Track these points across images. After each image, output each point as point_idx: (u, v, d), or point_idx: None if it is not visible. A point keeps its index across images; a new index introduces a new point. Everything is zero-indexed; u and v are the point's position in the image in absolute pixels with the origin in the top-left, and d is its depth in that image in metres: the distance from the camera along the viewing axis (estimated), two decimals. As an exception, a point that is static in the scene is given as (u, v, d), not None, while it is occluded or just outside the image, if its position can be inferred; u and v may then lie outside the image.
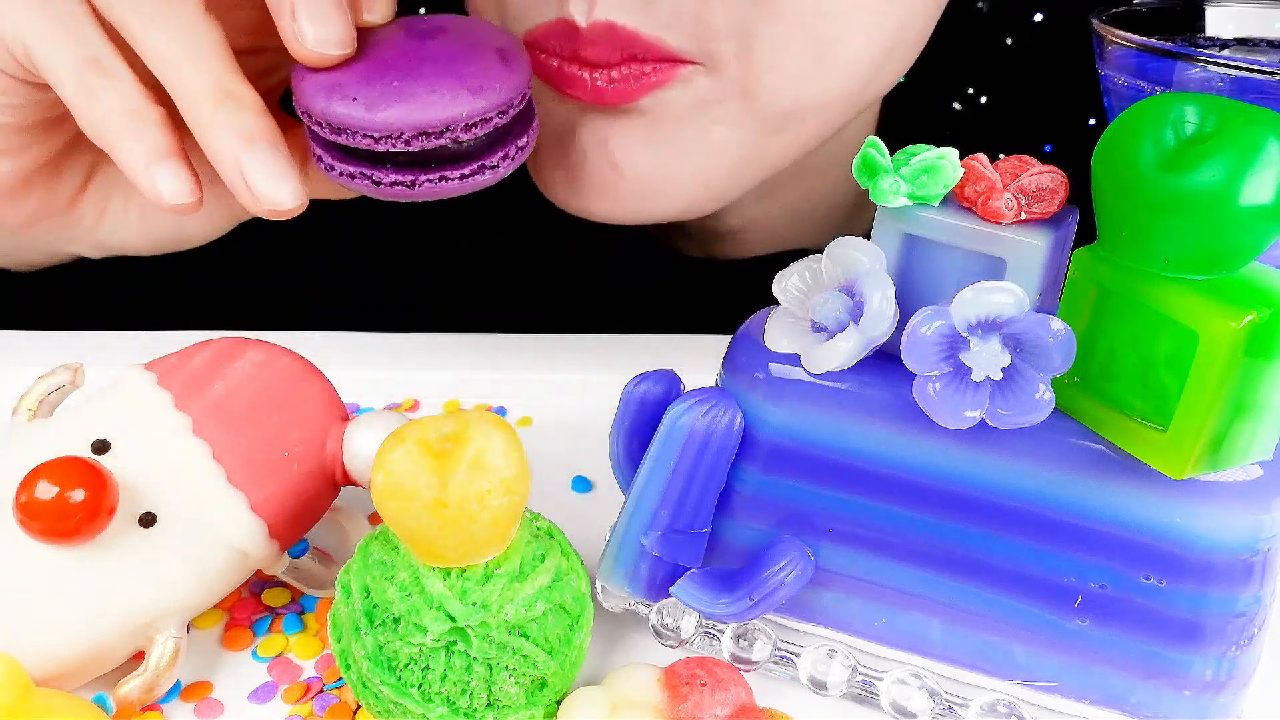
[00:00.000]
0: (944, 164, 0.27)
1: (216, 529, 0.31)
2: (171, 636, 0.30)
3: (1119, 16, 0.35)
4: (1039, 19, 0.57)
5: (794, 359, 0.29)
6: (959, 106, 0.58)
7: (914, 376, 0.26)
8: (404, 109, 0.34)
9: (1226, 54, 0.37)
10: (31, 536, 0.29)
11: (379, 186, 0.36)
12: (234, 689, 0.32)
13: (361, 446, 0.32)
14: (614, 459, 0.33)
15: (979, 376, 0.26)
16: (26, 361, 0.43)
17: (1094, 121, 0.55)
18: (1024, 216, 0.27)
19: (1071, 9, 0.56)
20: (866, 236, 0.28)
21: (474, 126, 0.35)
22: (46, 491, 0.28)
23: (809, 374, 0.29)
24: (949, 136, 0.29)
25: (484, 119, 0.35)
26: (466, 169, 0.36)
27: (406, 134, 0.34)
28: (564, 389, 0.44)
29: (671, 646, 0.33)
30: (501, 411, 0.44)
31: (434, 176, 0.35)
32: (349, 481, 0.33)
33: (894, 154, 0.27)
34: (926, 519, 0.29)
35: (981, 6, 0.57)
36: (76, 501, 0.29)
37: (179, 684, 0.32)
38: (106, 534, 0.29)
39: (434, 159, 0.35)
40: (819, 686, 0.32)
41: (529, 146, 0.38)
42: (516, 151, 0.37)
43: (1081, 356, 0.26)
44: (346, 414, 0.34)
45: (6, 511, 0.29)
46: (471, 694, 0.28)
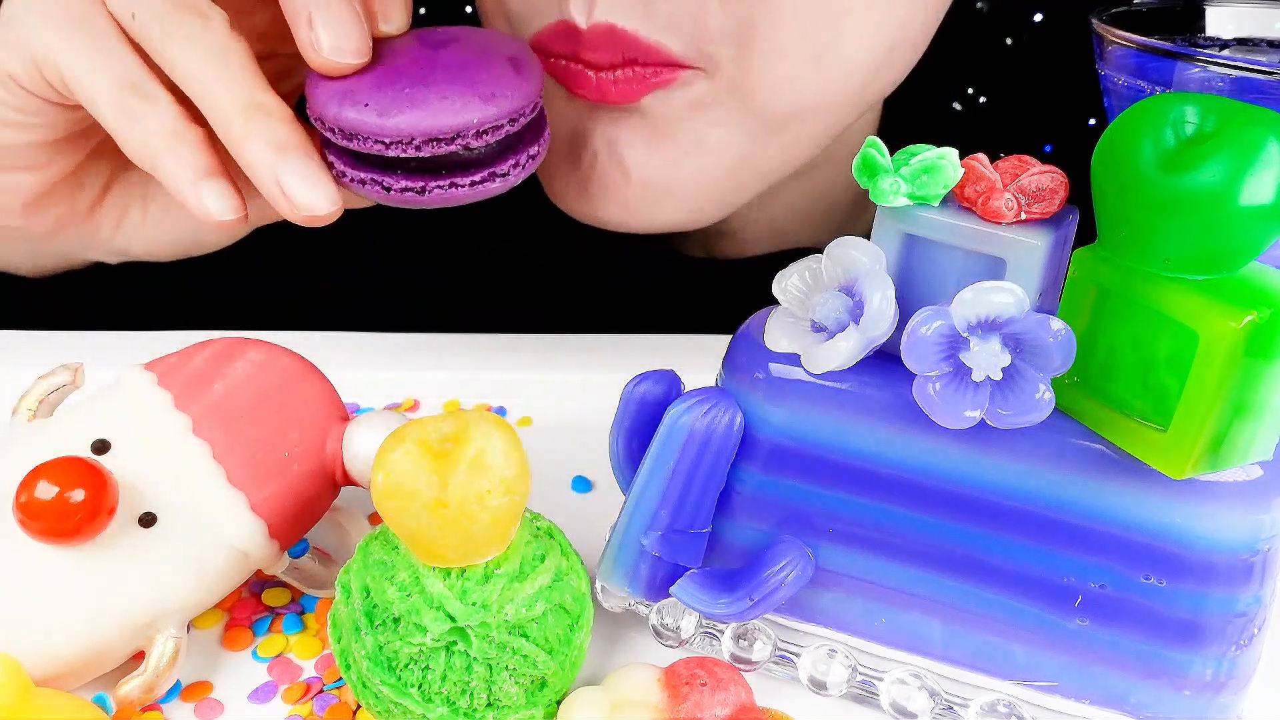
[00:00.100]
0: (944, 164, 0.27)
1: (216, 529, 0.31)
2: (171, 636, 0.30)
3: (1119, 16, 0.35)
4: (1039, 19, 0.57)
5: (794, 359, 0.29)
6: (959, 106, 0.58)
7: (914, 376, 0.26)
8: (415, 115, 0.34)
9: (1226, 54, 0.37)
10: (31, 536, 0.29)
11: (389, 193, 0.36)
12: (234, 689, 0.32)
13: (361, 446, 0.32)
14: (614, 459, 0.33)
15: (979, 376, 0.26)
16: (26, 361, 0.43)
17: (1094, 121, 0.55)
18: (1024, 216, 0.27)
19: (1071, 9, 0.56)
20: (866, 236, 0.28)
21: (485, 134, 0.35)
22: (46, 491, 0.29)
23: (809, 374, 0.29)
24: (949, 136, 0.29)
25: (495, 126, 0.35)
26: (477, 176, 0.36)
27: (417, 140, 0.34)
28: (564, 389, 0.44)
29: (671, 646, 0.33)
30: (501, 411, 0.44)
31: (444, 183, 0.36)
32: (349, 481, 0.33)
33: (894, 154, 0.27)
34: (926, 519, 0.29)
35: (981, 6, 0.57)
36: (76, 501, 0.29)
37: (179, 684, 0.32)
38: (106, 534, 0.29)
39: (444, 166, 0.36)
40: (819, 686, 0.32)
41: (540, 155, 0.38)
42: (527, 160, 0.37)
43: (1081, 356, 0.26)
44: (346, 414, 0.34)
45: (6, 511, 0.29)
46: (471, 694, 0.28)
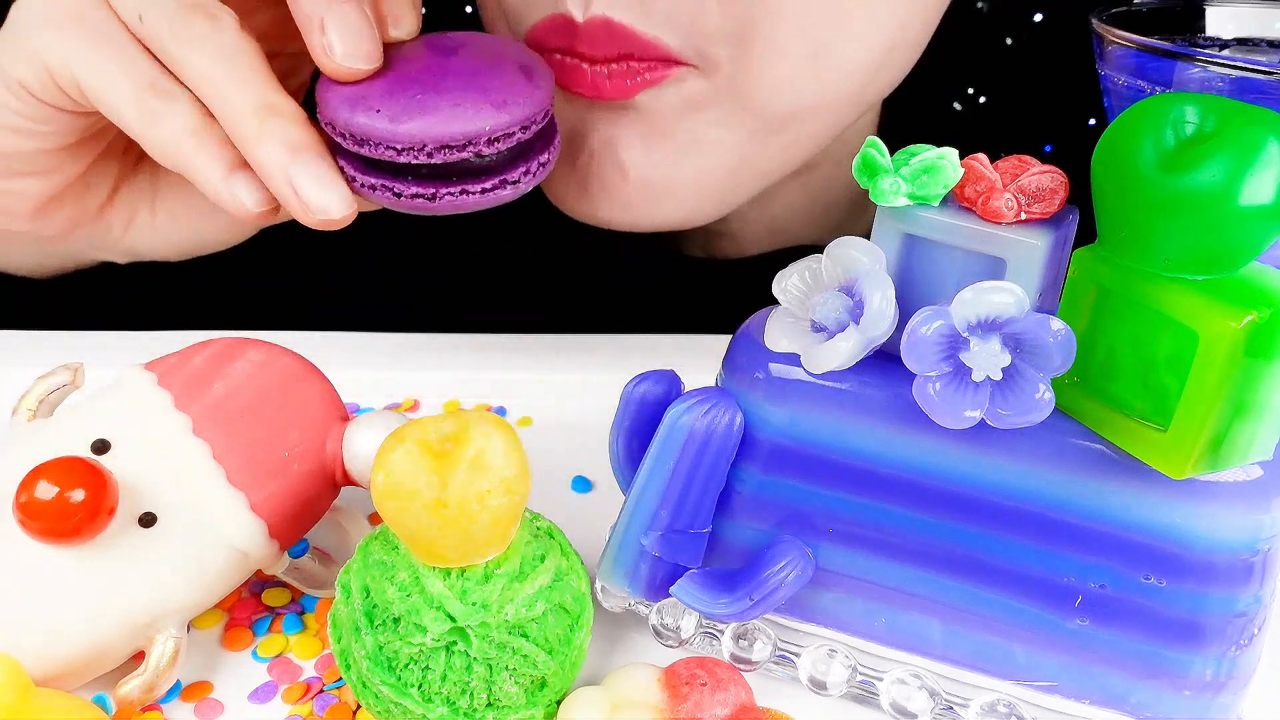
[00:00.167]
0: (944, 164, 0.27)
1: (216, 529, 0.31)
2: (171, 636, 0.30)
3: (1119, 16, 0.35)
4: (1039, 19, 0.57)
5: (794, 359, 0.29)
6: (959, 106, 0.58)
7: (914, 376, 0.26)
8: (427, 121, 0.34)
9: (1226, 54, 0.37)
10: (31, 536, 0.29)
11: (399, 199, 0.36)
12: (234, 689, 0.32)
13: (361, 446, 0.32)
14: (614, 459, 0.33)
15: (979, 376, 0.26)
16: (26, 361, 0.43)
17: (1094, 121, 0.55)
18: (1024, 216, 0.27)
19: (1071, 9, 0.56)
20: (866, 236, 0.28)
21: (496, 141, 0.35)
22: (46, 491, 0.28)
23: (809, 374, 0.29)
24: (949, 136, 0.29)
25: (507, 134, 0.35)
26: (488, 183, 0.36)
27: (429, 146, 0.34)
28: (564, 389, 0.44)
29: (671, 646, 0.33)
30: (501, 411, 0.44)
31: (455, 190, 0.36)
32: (349, 481, 0.33)
33: (894, 154, 0.27)
34: (926, 519, 0.29)
35: (981, 6, 0.57)
36: (76, 501, 0.29)
37: (179, 684, 0.32)
38: (106, 534, 0.29)
39: (456, 172, 0.36)
40: (819, 686, 0.32)
41: (550, 163, 0.38)
42: (538, 168, 0.37)
43: (1081, 356, 0.26)
44: (346, 414, 0.34)
45: (6, 511, 0.29)
46: (471, 694, 0.28)
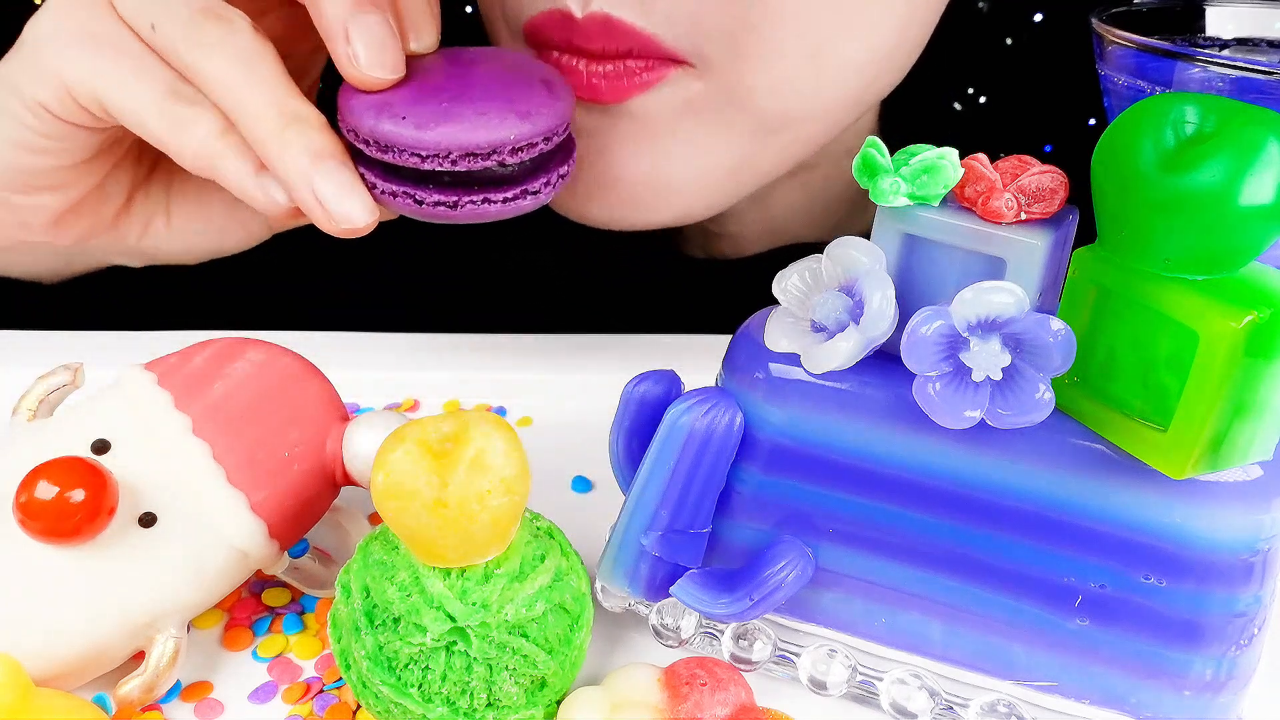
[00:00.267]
0: (944, 164, 0.27)
1: (216, 529, 0.31)
2: (171, 636, 0.30)
3: (1119, 16, 0.35)
4: (1039, 19, 0.57)
5: (794, 359, 0.29)
6: (959, 106, 0.58)
7: (914, 376, 0.26)
8: (453, 129, 0.34)
9: (1226, 54, 0.37)
10: (31, 536, 0.29)
11: (421, 206, 0.36)
12: (234, 689, 0.32)
13: (361, 446, 0.32)
14: (614, 459, 0.33)
15: (979, 376, 0.26)
16: (26, 361, 0.43)
17: (1094, 121, 0.55)
18: (1024, 216, 0.27)
19: (1071, 9, 0.56)
20: (866, 236, 0.28)
21: (520, 150, 0.35)
22: (46, 491, 0.28)
23: (809, 374, 0.29)
24: (949, 136, 0.29)
25: (530, 144, 0.35)
26: (510, 192, 0.36)
27: (454, 154, 0.35)
28: (564, 389, 0.44)
29: (671, 646, 0.33)
30: (501, 411, 0.44)
31: (477, 198, 0.36)
32: (349, 481, 0.33)
33: (894, 154, 0.27)
34: (926, 519, 0.29)
35: (981, 6, 0.57)
36: (76, 501, 0.28)
37: (179, 684, 0.32)
38: (106, 534, 0.29)
39: (478, 181, 0.36)
40: (819, 686, 0.32)
41: (569, 175, 0.38)
42: (558, 179, 0.38)
43: (1081, 356, 0.26)
44: (346, 414, 0.34)
45: (6, 511, 0.29)
46: (471, 694, 0.28)
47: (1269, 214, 0.24)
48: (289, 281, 0.55)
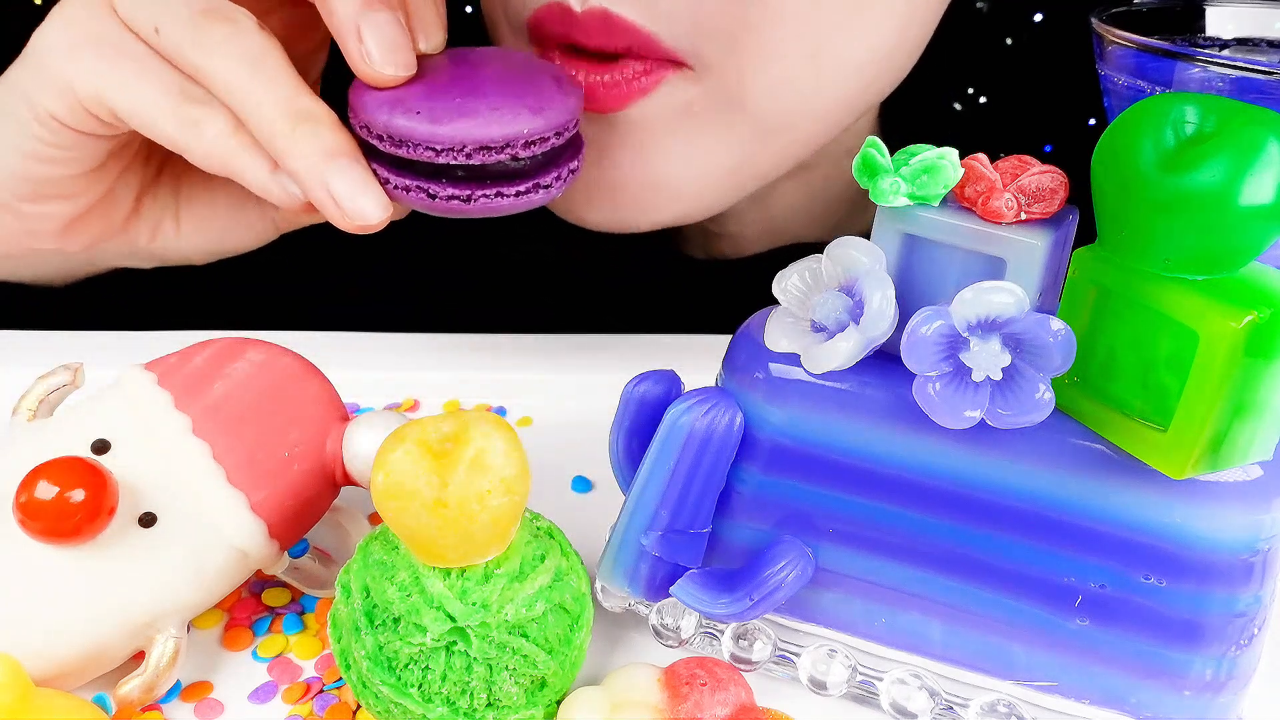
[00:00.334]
0: (944, 164, 0.27)
1: (216, 529, 0.31)
2: (171, 636, 0.30)
3: (1119, 16, 0.35)
4: (1039, 19, 0.57)
5: (794, 359, 0.29)
6: (959, 106, 0.58)
7: (914, 376, 0.26)
8: (468, 123, 0.35)
9: (1226, 54, 0.37)
10: (31, 536, 0.29)
11: (434, 200, 0.36)
12: (234, 689, 0.32)
13: (361, 446, 0.32)
14: (614, 459, 0.33)
15: (979, 376, 0.26)
16: (26, 361, 0.43)
17: (1094, 121, 0.55)
18: (1024, 216, 0.27)
19: (1071, 9, 0.56)
20: (866, 236, 0.28)
21: (533, 144, 0.36)
22: (46, 491, 0.28)
23: (809, 374, 0.29)
24: (949, 136, 0.29)
25: (542, 138, 0.36)
26: (522, 186, 0.37)
27: (469, 147, 0.35)
28: (564, 389, 0.44)
29: (671, 646, 0.33)
30: (501, 411, 0.44)
31: (490, 192, 0.36)
32: (349, 481, 0.33)
33: (894, 154, 0.27)
34: (926, 519, 0.29)
35: (981, 6, 0.57)
36: (76, 501, 0.29)
37: (179, 684, 0.32)
38: (106, 534, 0.29)
39: (490, 175, 0.36)
40: (819, 686, 0.32)
41: (578, 170, 0.39)
42: (568, 174, 0.38)
43: (1081, 356, 0.26)
44: (346, 414, 0.34)
45: (6, 511, 0.29)
46: (471, 694, 0.28)
47: (1269, 214, 0.24)
48: (288, 281, 0.55)
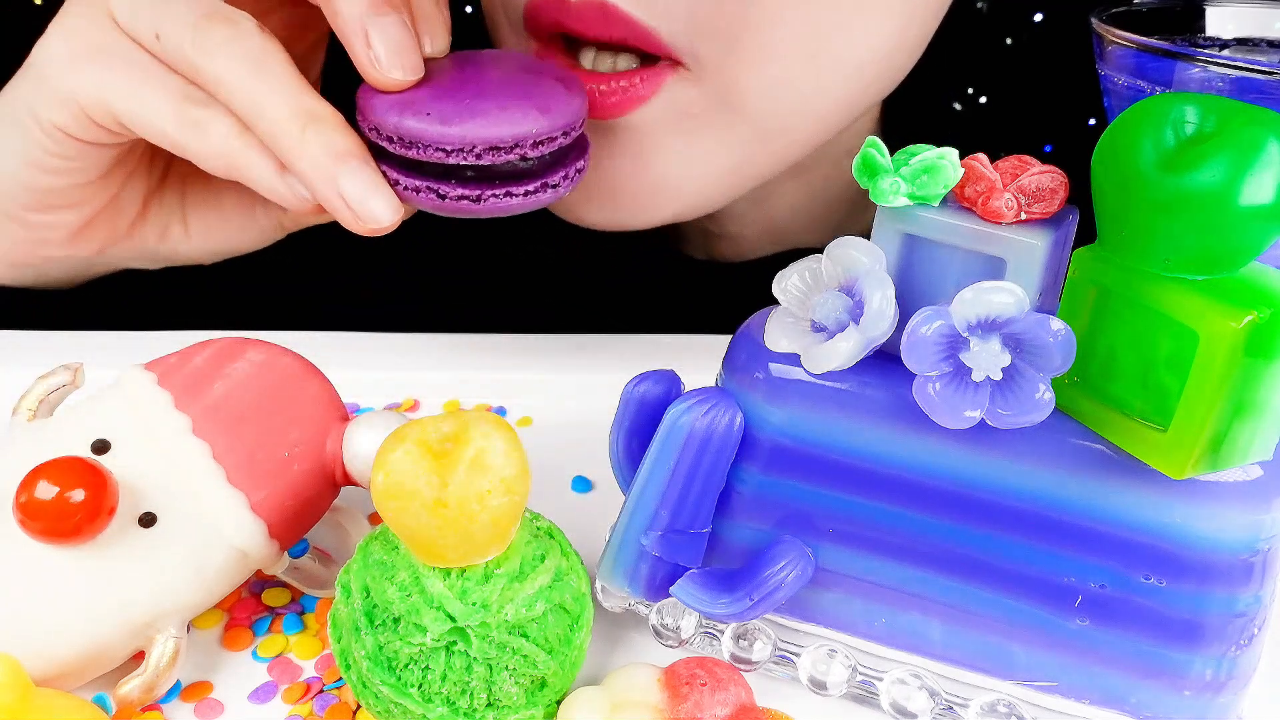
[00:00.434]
0: (944, 164, 0.27)
1: (216, 529, 0.31)
2: (171, 636, 0.30)
3: (1119, 16, 0.35)
4: (1039, 19, 0.57)
5: (794, 359, 0.29)
6: (959, 106, 0.58)
7: (914, 376, 0.26)
8: (478, 124, 0.35)
9: (1226, 54, 0.37)
10: (31, 536, 0.29)
11: (444, 201, 0.36)
12: (234, 689, 0.32)
13: (361, 446, 0.32)
14: (614, 459, 0.33)
15: (979, 376, 0.26)
16: (26, 361, 0.43)
17: (1094, 121, 0.55)
18: (1024, 216, 0.27)
19: (1071, 9, 0.56)
20: (866, 236, 0.28)
21: (541, 144, 0.36)
22: (46, 491, 0.28)
23: (809, 374, 0.29)
24: (949, 136, 0.29)
25: (550, 138, 0.36)
26: (530, 186, 0.37)
27: (478, 148, 0.35)
28: (564, 389, 0.44)
29: (671, 646, 0.33)
30: (501, 411, 0.44)
31: (499, 192, 0.37)
32: (349, 481, 0.33)
33: (894, 154, 0.27)
34: (926, 519, 0.29)
35: (981, 6, 0.57)
36: (76, 501, 0.28)
37: (179, 684, 0.32)
38: (106, 534, 0.29)
39: (499, 175, 0.36)
40: (819, 686, 0.32)
41: (585, 170, 0.39)
42: (575, 173, 0.38)
43: (1081, 356, 0.26)
44: (346, 414, 0.34)
45: (6, 511, 0.29)
46: (471, 694, 0.28)
47: (1269, 214, 0.24)
48: (288, 281, 0.55)
